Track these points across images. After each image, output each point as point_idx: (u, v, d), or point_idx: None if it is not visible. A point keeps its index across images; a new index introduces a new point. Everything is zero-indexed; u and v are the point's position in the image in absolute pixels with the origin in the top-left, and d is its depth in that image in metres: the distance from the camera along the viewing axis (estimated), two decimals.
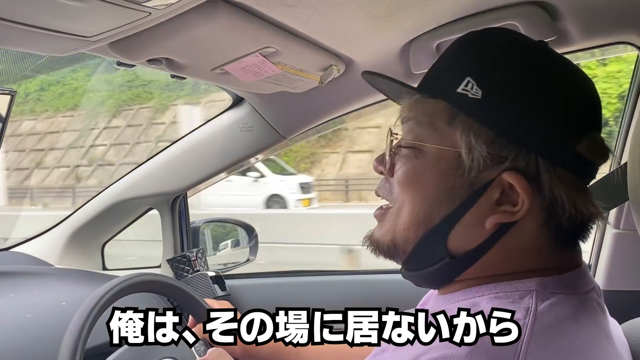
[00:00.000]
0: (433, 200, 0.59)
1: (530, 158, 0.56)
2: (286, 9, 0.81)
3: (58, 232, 1.51)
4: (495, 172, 0.56)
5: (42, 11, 0.63)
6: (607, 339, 0.58)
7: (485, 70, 0.58)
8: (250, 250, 1.65)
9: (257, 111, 1.31)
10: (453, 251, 0.59)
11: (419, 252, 0.62)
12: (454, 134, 0.58)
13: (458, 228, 0.59)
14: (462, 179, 0.57)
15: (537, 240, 0.58)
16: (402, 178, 0.62)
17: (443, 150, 0.59)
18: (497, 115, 0.56)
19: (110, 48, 0.81)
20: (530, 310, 0.53)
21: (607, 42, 1.05)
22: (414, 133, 0.62)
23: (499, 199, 0.57)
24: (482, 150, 0.56)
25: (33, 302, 1.10)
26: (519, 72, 0.58)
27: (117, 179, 1.47)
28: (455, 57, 0.62)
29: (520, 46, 0.61)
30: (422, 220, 0.60)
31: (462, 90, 0.57)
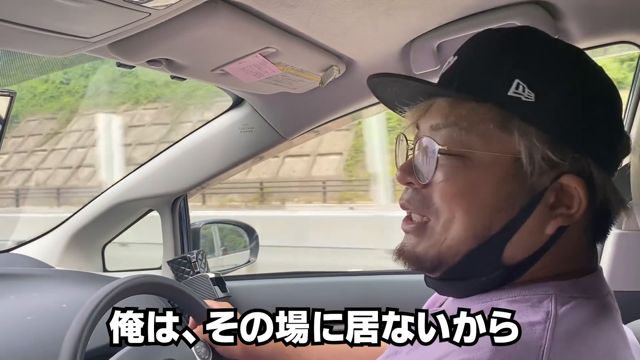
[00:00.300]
0: (492, 210, 0.57)
1: (583, 160, 0.56)
2: (286, 9, 0.81)
3: (58, 233, 1.51)
4: (551, 176, 0.56)
5: (41, 12, 0.63)
6: (625, 342, 0.58)
7: (535, 72, 0.57)
8: (251, 251, 1.65)
9: (258, 112, 1.31)
10: (507, 260, 0.58)
11: (468, 263, 0.59)
12: (509, 139, 0.56)
13: (517, 236, 0.57)
14: (521, 185, 0.56)
15: (581, 241, 0.59)
16: (453, 189, 0.58)
17: (498, 157, 0.57)
18: (553, 118, 0.55)
19: (110, 49, 0.81)
20: (550, 314, 0.52)
21: (609, 42, 1.04)
22: (458, 139, 0.58)
23: (554, 202, 0.57)
24: (543, 154, 0.55)
25: (33, 304, 1.10)
26: (568, 75, 0.58)
27: (117, 181, 1.47)
28: (496, 58, 0.59)
29: (561, 47, 0.61)
30: (480, 232, 0.58)
31: (514, 93, 0.55)
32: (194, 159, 1.39)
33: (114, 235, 1.58)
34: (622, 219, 1.17)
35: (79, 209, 1.51)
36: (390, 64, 1.10)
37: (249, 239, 1.67)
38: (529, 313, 0.53)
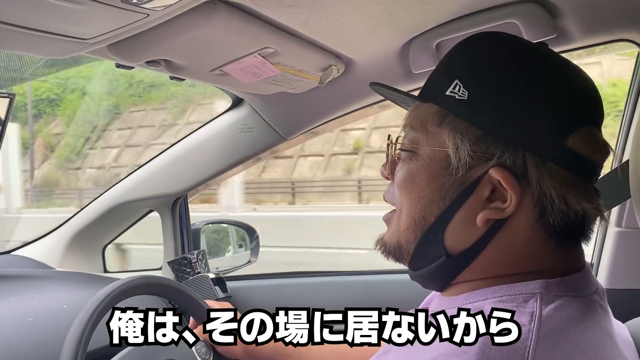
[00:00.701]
0: (426, 201, 0.61)
1: (518, 155, 0.56)
2: (285, 10, 0.81)
3: (59, 235, 1.51)
4: (483, 170, 0.57)
5: (39, 14, 0.63)
6: (611, 340, 0.58)
7: (471, 72, 0.60)
8: (251, 251, 1.65)
9: (257, 112, 1.31)
10: (450, 250, 0.61)
11: (420, 252, 0.63)
12: (442, 134, 0.60)
13: (452, 226, 0.60)
14: (451, 178, 0.59)
15: (531, 239, 0.58)
16: (400, 181, 0.64)
17: (433, 151, 0.61)
18: (483, 114, 0.58)
19: (109, 50, 0.81)
20: (535, 315, 0.53)
21: (608, 40, 1.04)
22: (410, 137, 0.64)
23: (490, 196, 0.58)
24: (468, 149, 0.58)
25: (34, 306, 1.10)
26: (504, 72, 0.59)
27: (117, 181, 1.47)
28: (446, 63, 0.64)
29: (508, 47, 0.62)
30: (419, 221, 0.62)
31: (450, 92, 0.60)
32: (194, 159, 1.39)
33: (115, 236, 1.59)
34: (622, 217, 1.17)
35: (80, 209, 1.51)
36: (389, 63, 1.10)
37: (249, 238, 1.67)
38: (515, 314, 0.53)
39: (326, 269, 2.07)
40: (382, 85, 0.68)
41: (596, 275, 1.26)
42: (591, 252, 1.30)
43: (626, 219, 1.16)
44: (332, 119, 1.31)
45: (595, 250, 1.28)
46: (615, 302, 0.68)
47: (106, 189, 1.49)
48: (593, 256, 1.30)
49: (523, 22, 0.93)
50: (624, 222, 1.17)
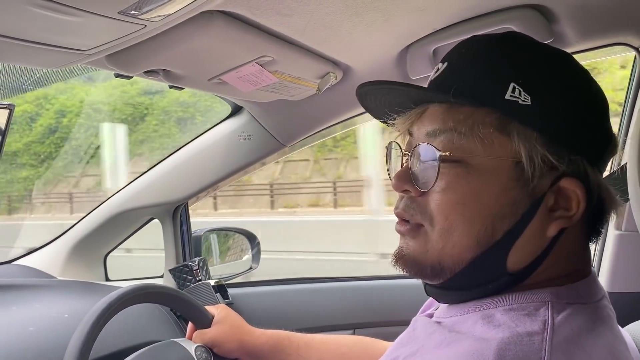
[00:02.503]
0: (495, 217, 0.56)
1: (579, 162, 0.56)
2: (281, 18, 0.82)
3: (60, 243, 1.51)
4: (550, 179, 0.56)
5: (37, 26, 0.63)
6: (624, 346, 0.58)
7: (529, 75, 0.57)
8: (252, 258, 1.65)
9: (256, 119, 1.31)
10: (512, 266, 0.57)
11: (472, 271, 0.58)
12: (508, 142, 0.56)
13: (520, 241, 0.57)
14: (523, 190, 0.56)
15: (579, 241, 0.60)
16: (455, 197, 0.57)
17: (499, 161, 0.56)
18: (550, 120, 0.56)
19: (107, 61, 0.82)
20: (547, 324, 0.52)
21: (604, 44, 1.05)
22: (457, 145, 0.57)
23: (553, 205, 0.57)
24: (543, 157, 0.55)
25: (35, 315, 1.10)
26: (560, 77, 0.58)
27: (118, 190, 1.48)
28: (490, 62, 0.59)
29: (552, 50, 0.61)
30: (484, 240, 0.57)
31: (510, 97, 0.55)
32: (194, 167, 1.40)
33: (116, 244, 1.59)
34: (621, 221, 1.17)
35: (80, 218, 1.52)
36: (386, 70, 1.10)
37: (250, 245, 1.67)
38: (526, 322, 0.52)
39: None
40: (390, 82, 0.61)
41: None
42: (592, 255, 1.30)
43: (626, 223, 1.16)
44: (331, 125, 1.31)
45: (596, 253, 1.28)
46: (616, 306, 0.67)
47: (107, 197, 1.49)
48: (593, 260, 1.30)
49: (520, 27, 0.93)
50: (623, 226, 1.17)
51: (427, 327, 0.61)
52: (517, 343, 0.50)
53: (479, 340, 0.52)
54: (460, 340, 0.54)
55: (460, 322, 0.58)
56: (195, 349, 0.98)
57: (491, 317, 0.55)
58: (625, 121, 1.17)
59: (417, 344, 0.59)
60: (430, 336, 0.59)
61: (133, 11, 0.62)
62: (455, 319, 0.59)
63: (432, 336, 0.58)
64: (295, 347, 1.01)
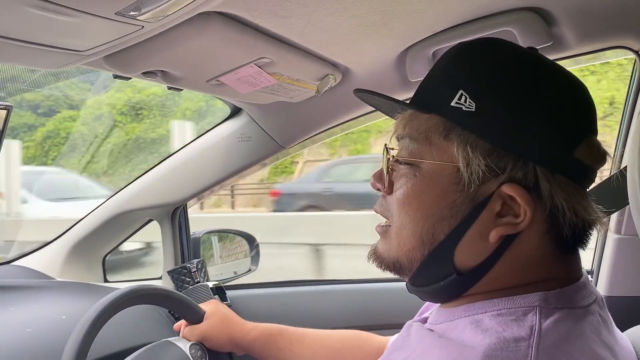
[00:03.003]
0: (436, 219, 0.59)
1: (529, 167, 0.55)
2: (280, 20, 0.82)
3: (59, 245, 1.51)
4: (494, 185, 0.56)
5: (35, 27, 0.63)
6: (612, 353, 0.56)
7: (478, 82, 0.58)
8: (251, 260, 1.64)
9: (255, 121, 1.31)
10: (460, 267, 0.59)
11: (426, 269, 0.61)
12: (450, 148, 0.57)
13: (463, 243, 0.58)
14: (463, 194, 0.57)
15: (539, 250, 0.58)
16: (403, 198, 0.61)
17: (441, 166, 0.58)
18: (492, 127, 0.56)
19: (105, 62, 0.82)
20: (534, 329, 0.52)
21: (604, 47, 1.04)
22: (410, 149, 0.61)
23: (501, 211, 0.57)
24: (480, 163, 0.56)
25: (33, 316, 1.10)
26: (512, 82, 0.57)
27: (117, 191, 1.47)
28: (446, 71, 0.61)
29: (511, 56, 0.60)
30: (427, 239, 0.60)
31: (456, 103, 0.57)
32: (193, 169, 1.39)
33: (114, 245, 1.58)
34: (621, 224, 1.17)
35: (79, 219, 1.51)
36: (386, 72, 1.10)
37: (249, 247, 1.67)
38: (514, 327, 0.53)
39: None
40: (369, 91, 0.66)
41: (596, 282, 1.25)
42: (591, 259, 1.30)
43: (625, 226, 1.16)
44: (330, 127, 1.31)
45: (595, 257, 1.28)
46: (615, 310, 0.67)
47: (106, 198, 1.49)
48: (593, 264, 1.29)
49: (519, 30, 0.93)
50: (623, 230, 1.17)
51: (420, 332, 0.62)
52: (503, 349, 0.50)
53: (466, 347, 0.52)
54: (448, 346, 0.54)
55: (451, 328, 0.58)
56: (190, 347, 0.98)
57: (479, 322, 0.55)
58: (625, 125, 1.17)
59: (410, 349, 0.60)
60: (421, 341, 0.60)
61: (131, 12, 0.62)
62: (445, 326, 0.60)
63: (423, 341, 0.59)
64: (288, 342, 1.01)
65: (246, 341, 1.00)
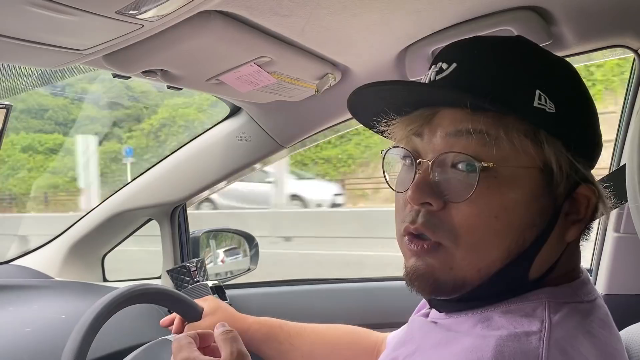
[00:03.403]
0: (525, 227, 0.55)
1: (587, 168, 0.59)
2: (280, 19, 0.82)
3: (58, 244, 1.51)
4: (568, 185, 0.57)
5: (34, 26, 0.63)
6: (620, 344, 0.58)
7: (550, 82, 0.57)
8: (250, 259, 1.64)
9: (255, 120, 1.31)
10: (533, 274, 0.57)
11: (494, 282, 0.56)
12: (538, 150, 0.55)
13: (545, 248, 0.57)
14: (549, 197, 0.56)
15: (577, 242, 0.61)
16: (487, 210, 0.54)
17: (530, 170, 0.55)
18: (570, 129, 0.57)
19: (105, 60, 0.81)
20: (545, 323, 0.52)
21: (603, 46, 1.05)
22: (485, 151, 0.54)
23: (568, 211, 0.58)
24: (570, 165, 0.56)
25: (32, 316, 1.10)
26: (572, 85, 0.60)
27: (116, 190, 1.47)
28: (510, 67, 0.57)
29: (556, 57, 0.62)
30: (514, 250, 0.55)
31: (538, 104, 0.54)
32: (192, 168, 1.39)
33: (114, 245, 1.58)
34: (620, 223, 1.17)
35: (78, 219, 1.51)
36: (385, 71, 1.10)
37: (248, 247, 1.67)
38: (524, 323, 0.53)
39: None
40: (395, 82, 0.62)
41: (595, 281, 1.25)
42: (590, 258, 1.30)
43: (624, 225, 1.16)
44: (330, 126, 1.31)
45: (594, 256, 1.28)
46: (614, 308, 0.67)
47: (105, 198, 1.49)
48: (592, 262, 1.30)
49: (518, 29, 0.93)
50: (622, 228, 1.17)
51: (424, 327, 0.62)
52: (514, 340, 0.50)
53: (477, 337, 0.52)
54: (458, 338, 0.54)
55: (458, 322, 0.58)
56: None
57: (489, 319, 0.55)
58: (624, 123, 1.17)
59: (415, 343, 0.59)
60: (427, 335, 0.59)
61: (130, 11, 0.62)
62: (452, 320, 0.59)
63: (429, 335, 0.58)
64: (287, 336, 1.01)
65: (247, 336, 1.00)
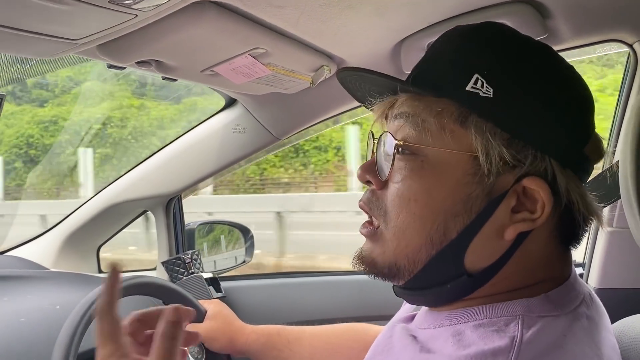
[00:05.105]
0: (448, 215, 0.54)
1: (545, 161, 0.53)
2: (275, 10, 0.81)
3: (53, 235, 1.51)
4: (512, 178, 0.53)
5: (27, 15, 0.63)
6: (598, 355, 0.53)
7: (495, 67, 0.54)
8: (246, 251, 1.65)
9: (250, 112, 1.31)
10: (470, 268, 0.55)
11: (431, 271, 0.56)
12: (466, 136, 0.53)
13: (476, 242, 0.54)
14: (479, 187, 0.53)
15: (547, 248, 0.56)
16: (407, 193, 0.55)
17: (456, 155, 0.54)
18: (511, 116, 0.53)
19: (99, 50, 0.81)
20: (515, 340, 0.49)
21: (598, 40, 1.05)
22: (414, 135, 0.55)
23: (515, 207, 0.54)
24: (501, 153, 0.52)
25: (27, 306, 1.10)
26: (530, 70, 0.55)
27: (111, 181, 1.47)
28: (459, 52, 0.57)
29: (526, 43, 0.58)
30: (436, 238, 0.55)
31: (472, 88, 0.53)
32: (188, 160, 1.39)
33: (109, 236, 1.58)
34: (612, 217, 1.17)
35: (74, 210, 1.51)
36: (380, 64, 1.10)
37: (244, 239, 1.67)
38: (495, 339, 0.50)
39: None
40: (357, 68, 0.59)
41: (588, 274, 1.26)
42: (583, 252, 1.31)
43: (617, 219, 1.17)
44: (325, 119, 1.31)
45: (587, 250, 1.29)
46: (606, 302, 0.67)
47: (100, 189, 1.49)
48: (585, 256, 1.30)
49: (514, 22, 0.93)
50: (614, 222, 1.17)
51: (403, 338, 0.60)
52: None
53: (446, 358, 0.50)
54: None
55: (434, 337, 0.56)
56: None
57: (461, 334, 0.53)
58: (618, 119, 1.17)
59: (392, 356, 0.58)
60: (404, 350, 0.57)
61: (124, 0, 0.62)
62: (428, 333, 0.57)
63: (406, 350, 0.57)
64: (286, 342, 1.00)
65: (246, 344, 1.01)
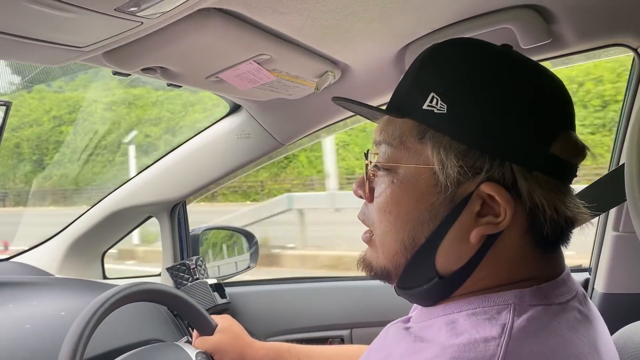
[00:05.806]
0: (416, 223, 0.59)
1: (506, 166, 0.55)
2: (279, 16, 0.82)
3: (58, 241, 1.51)
4: (472, 185, 0.56)
5: (34, 23, 0.63)
6: (590, 348, 0.55)
7: (447, 84, 0.58)
8: (250, 257, 1.64)
9: (255, 118, 1.31)
10: (442, 270, 0.59)
11: (410, 274, 0.62)
12: (425, 151, 0.58)
13: (443, 246, 0.58)
14: (440, 196, 0.57)
15: (521, 249, 0.58)
16: (383, 205, 0.62)
17: (417, 169, 0.59)
18: (465, 128, 0.56)
19: (104, 58, 0.82)
20: (506, 327, 0.52)
21: (603, 45, 1.05)
22: (387, 155, 0.62)
23: (481, 211, 0.57)
24: (455, 164, 0.56)
25: (32, 313, 1.10)
26: (482, 81, 0.57)
27: (116, 188, 1.48)
28: (417, 74, 0.61)
29: (481, 55, 0.60)
30: (408, 244, 0.60)
31: (428, 106, 0.58)
32: (192, 166, 1.39)
33: (114, 242, 1.59)
34: (619, 221, 1.17)
35: (78, 216, 1.52)
36: (384, 69, 1.10)
37: (248, 244, 1.67)
38: (486, 327, 0.52)
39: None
40: (345, 99, 0.66)
41: (594, 280, 1.25)
42: (589, 256, 1.30)
43: (623, 223, 1.16)
44: (329, 124, 1.31)
45: (593, 254, 1.28)
46: (613, 307, 0.67)
47: (105, 195, 1.49)
48: (591, 261, 1.30)
49: (518, 27, 0.93)
50: (621, 227, 1.17)
51: (396, 334, 0.63)
52: (471, 350, 0.50)
53: (437, 348, 0.52)
54: (422, 350, 0.54)
55: (427, 327, 0.58)
56: (196, 354, 0.97)
57: (455, 322, 0.55)
58: (624, 122, 1.17)
59: (386, 350, 0.60)
60: (398, 343, 0.60)
61: (130, 8, 0.62)
62: (422, 324, 0.60)
63: (400, 344, 0.59)
64: (295, 355, 1.00)
65: (256, 359, 1.00)
